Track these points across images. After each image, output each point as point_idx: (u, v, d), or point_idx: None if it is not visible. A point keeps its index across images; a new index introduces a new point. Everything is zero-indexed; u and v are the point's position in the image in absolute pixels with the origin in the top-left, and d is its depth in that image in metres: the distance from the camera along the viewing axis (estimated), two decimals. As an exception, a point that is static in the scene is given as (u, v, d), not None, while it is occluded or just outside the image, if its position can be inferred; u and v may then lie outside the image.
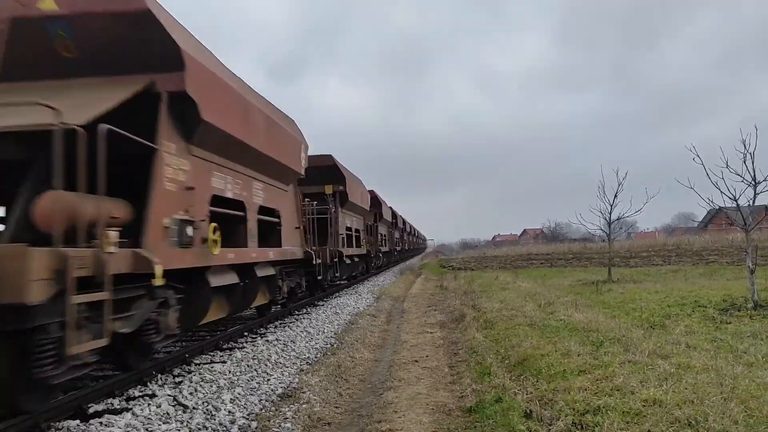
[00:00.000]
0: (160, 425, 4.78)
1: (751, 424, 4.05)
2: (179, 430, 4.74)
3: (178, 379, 6.33)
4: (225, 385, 6.11)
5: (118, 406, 5.29)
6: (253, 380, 6.49)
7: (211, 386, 6.01)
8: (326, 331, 10.20)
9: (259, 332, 9.76)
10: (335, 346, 8.96)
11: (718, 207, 12.90)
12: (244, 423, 5.03)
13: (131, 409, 5.10)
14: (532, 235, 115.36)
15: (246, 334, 9.50)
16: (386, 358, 8.27)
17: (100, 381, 5.89)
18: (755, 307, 10.27)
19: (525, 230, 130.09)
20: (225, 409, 5.34)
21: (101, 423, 4.70)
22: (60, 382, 4.42)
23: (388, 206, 30.00)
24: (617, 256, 30.56)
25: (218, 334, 9.09)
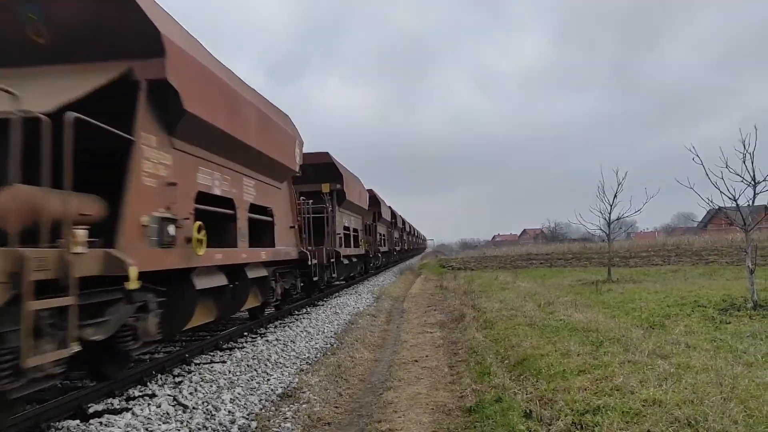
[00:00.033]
0: (159, 425, 4.79)
1: (751, 424, 4.06)
2: (179, 430, 4.74)
3: (178, 379, 6.33)
4: (225, 384, 6.11)
5: (117, 406, 5.30)
6: (253, 380, 6.49)
7: (211, 386, 6.01)
8: (326, 331, 10.20)
9: (259, 332, 9.77)
10: (335, 345, 8.96)
11: (717, 207, 12.92)
12: (244, 423, 5.04)
13: (131, 409, 5.11)
14: (531, 235, 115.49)
15: (246, 334, 9.52)
16: (386, 357, 8.27)
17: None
18: (755, 307, 10.28)
19: (525, 230, 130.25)
20: (225, 409, 5.34)
21: (101, 423, 4.71)
22: (21, 396, 3.99)
23: (388, 205, 29.92)
24: (617, 256, 30.60)
25: (218, 334, 9.09)
